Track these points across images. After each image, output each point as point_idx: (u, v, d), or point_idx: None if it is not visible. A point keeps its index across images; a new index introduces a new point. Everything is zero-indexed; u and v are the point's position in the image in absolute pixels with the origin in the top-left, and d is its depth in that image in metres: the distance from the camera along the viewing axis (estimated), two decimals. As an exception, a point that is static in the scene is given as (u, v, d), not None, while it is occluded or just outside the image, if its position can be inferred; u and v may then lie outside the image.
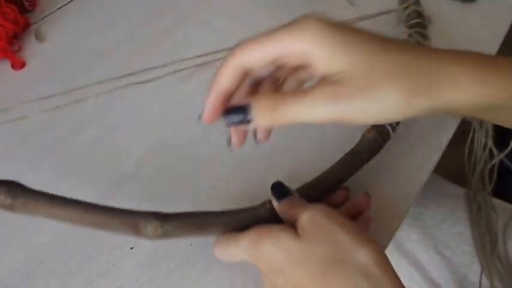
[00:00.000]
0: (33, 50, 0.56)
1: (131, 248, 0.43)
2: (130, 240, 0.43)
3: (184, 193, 0.46)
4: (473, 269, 0.36)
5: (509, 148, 0.47)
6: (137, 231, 0.38)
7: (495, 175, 0.50)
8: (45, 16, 0.59)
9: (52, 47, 0.56)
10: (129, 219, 0.38)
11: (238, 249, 0.38)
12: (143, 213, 0.39)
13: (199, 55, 0.49)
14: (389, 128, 0.45)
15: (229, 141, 0.40)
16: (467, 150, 0.51)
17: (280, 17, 0.37)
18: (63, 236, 0.44)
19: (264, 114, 0.35)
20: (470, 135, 0.50)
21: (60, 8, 0.60)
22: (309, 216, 0.36)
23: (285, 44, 0.33)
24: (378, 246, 0.35)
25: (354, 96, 0.33)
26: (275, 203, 0.39)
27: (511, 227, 0.49)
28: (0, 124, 0.45)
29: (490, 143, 0.49)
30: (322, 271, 0.35)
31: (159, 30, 0.57)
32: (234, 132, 0.39)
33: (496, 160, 0.49)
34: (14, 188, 0.37)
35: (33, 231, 0.44)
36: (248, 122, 0.35)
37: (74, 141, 0.48)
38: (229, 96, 0.37)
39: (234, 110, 0.35)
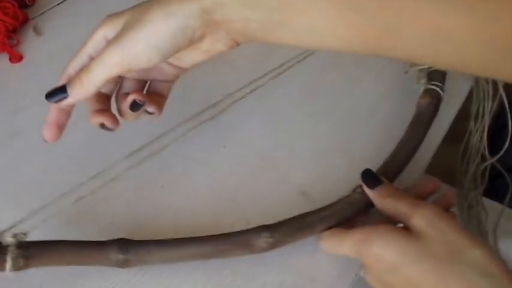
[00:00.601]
0: (31, 44, 0.55)
1: None
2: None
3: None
4: None
5: (501, 153, 0.47)
6: (252, 248, 0.39)
7: (487, 177, 0.50)
8: (44, 11, 0.59)
9: (50, 42, 0.56)
10: (241, 239, 0.39)
11: (344, 246, 0.39)
12: (251, 230, 0.40)
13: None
14: (439, 89, 0.47)
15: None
16: (461, 152, 0.51)
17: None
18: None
19: (76, 87, 0.35)
20: (466, 137, 0.51)
21: (59, 4, 0.60)
22: (422, 217, 0.36)
23: None
24: (490, 246, 0.38)
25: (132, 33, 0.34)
26: (369, 192, 0.40)
27: (501, 227, 0.49)
28: None
29: (483, 147, 0.49)
30: (439, 270, 0.35)
31: None
32: (52, 126, 0.38)
33: (488, 163, 0.49)
34: (123, 243, 0.38)
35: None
36: (66, 97, 0.36)
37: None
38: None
39: (55, 91, 0.36)
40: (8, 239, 0.35)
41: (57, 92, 0.36)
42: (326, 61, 0.54)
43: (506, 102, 0.49)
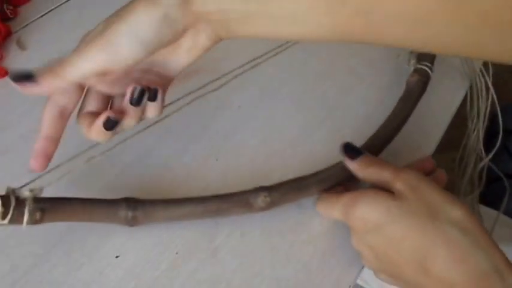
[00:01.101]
0: (14, 58, 0.54)
1: (116, 257, 0.42)
2: (116, 248, 0.42)
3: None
4: None
5: (495, 149, 0.48)
6: (249, 207, 0.42)
7: (484, 178, 0.50)
8: (27, 24, 0.57)
9: (34, 55, 0.54)
10: (241, 199, 0.42)
11: (334, 210, 0.41)
12: (250, 190, 0.42)
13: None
14: (427, 68, 0.49)
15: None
16: (459, 156, 0.51)
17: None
18: (48, 246, 0.42)
19: (49, 77, 0.33)
20: (464, 139, 0.51)
21: (41, 16, 0.58)
22: (404, 181, 0.38)
23: None
24: (466, 205, 0.38)
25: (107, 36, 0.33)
26: (350, 163, 0.41)
27: (495, 232, 0.49)
28: None
29: (479, 149, 0.49)
30: (421, 226, 0.37)
31: None
32: (39, 157, 0.37)
33: (484, 161, 0.49)
34: (132, 201, 0.40)
35: (17, 242, 0.42)
36: (34, 82, 0.33)
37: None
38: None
39: (22, 76, 0.34)
40: (25, 193, 0.36)
41: (25, 77, 0.34)
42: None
43: (498, 108, 0.50)
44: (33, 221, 0.36)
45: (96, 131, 0.36)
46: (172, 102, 0.42)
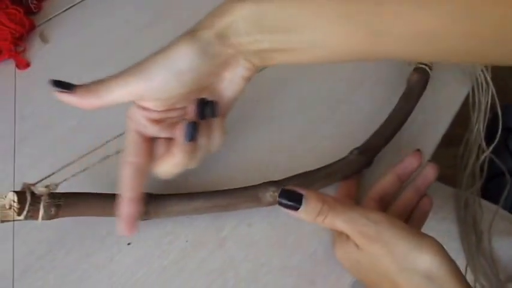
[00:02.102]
0: (37, 51, 0.55)
1: (128, 244, 0.43)
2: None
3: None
4: (459, 265, 0.37)
5: (495, 141, 0.48)
6: (258, 201, 0.42)
7: (485, 171, 0.51)
8: (50, 18, 0.59)
9: (55, 49, 0.55)
10: (249, 193, 0.42)
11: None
12: (259, 185, 0.43)
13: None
14: (427, 68, 0.50)
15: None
16: (461, 149, 0.52)
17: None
18: (63, 233, 0.43)
19: (87, 93, 0.35)
20: (466, 136, 0.52)
21: (64, 11, 0.60)
22: (362, 234, 0.37)
23: None
24: (436, 247, 0.36)
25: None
26: (294, 215, 0.38)
27: (495, 226, 0.49)
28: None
29: (481, 138, 0.50)
30: (389, 277, 0.36)
31: (160, 34, 0.57)
32: (126, 224, 0.38)
33: (486, 154, 0.50)
34: (145, 195, 0.40)
35: (33, 229, 0.43)
36: (71, 93, 0.35)
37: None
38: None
39: (63, 84, 0.35)
40: (41, 189, 0.37)
41: (64, 86, 0.35)
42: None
43: (499, 107, 0.50)
44: (48, 216, 0.37)
45: (178, 151, 0.37)
46: None
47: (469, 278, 0.48)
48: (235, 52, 0.35)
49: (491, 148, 0.49)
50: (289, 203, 0.37)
